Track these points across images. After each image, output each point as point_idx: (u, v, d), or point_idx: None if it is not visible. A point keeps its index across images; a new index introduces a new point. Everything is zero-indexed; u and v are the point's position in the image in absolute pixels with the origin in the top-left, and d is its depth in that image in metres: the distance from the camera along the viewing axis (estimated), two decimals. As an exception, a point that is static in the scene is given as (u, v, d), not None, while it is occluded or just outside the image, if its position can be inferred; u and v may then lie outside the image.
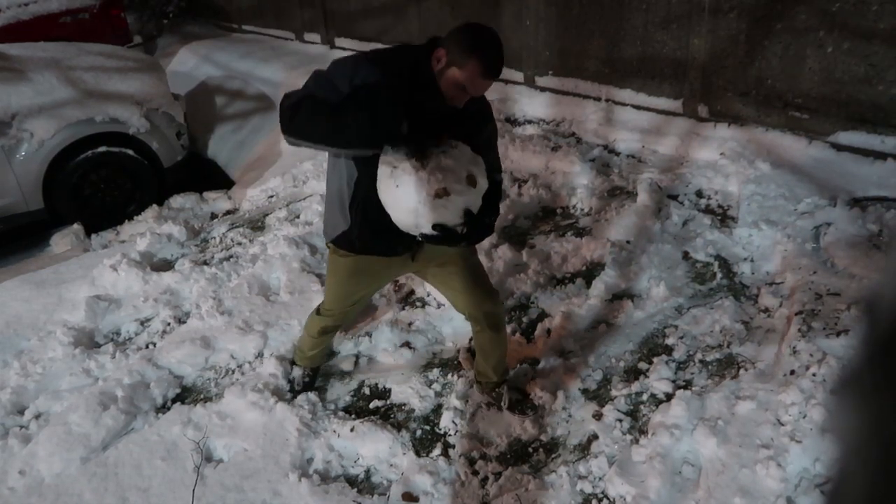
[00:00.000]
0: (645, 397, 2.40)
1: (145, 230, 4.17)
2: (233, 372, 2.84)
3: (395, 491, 2.20)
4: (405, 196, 1.78)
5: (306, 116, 1.79)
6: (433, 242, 1.91)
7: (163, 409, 2.68)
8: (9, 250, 4.41)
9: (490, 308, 2.28)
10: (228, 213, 4.71)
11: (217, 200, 4.91)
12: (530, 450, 2.32)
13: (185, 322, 3.17)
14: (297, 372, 2.68)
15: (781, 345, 2.46)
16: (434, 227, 1.81)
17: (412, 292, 3.19)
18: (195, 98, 6.80)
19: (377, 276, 2.25)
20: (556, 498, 2.10)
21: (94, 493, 2.30)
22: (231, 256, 3.73)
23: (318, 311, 2.44)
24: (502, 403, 2.45)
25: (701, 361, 2.51)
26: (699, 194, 3.60)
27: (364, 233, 2.02)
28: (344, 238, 2.07)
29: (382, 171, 1.83)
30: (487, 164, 1.94)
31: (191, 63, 8.00)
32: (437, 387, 2.63)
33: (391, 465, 2.31)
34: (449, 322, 2.92)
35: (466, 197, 1.83)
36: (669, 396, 2.35)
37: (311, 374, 2.69)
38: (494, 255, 3.30)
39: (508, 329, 2.75)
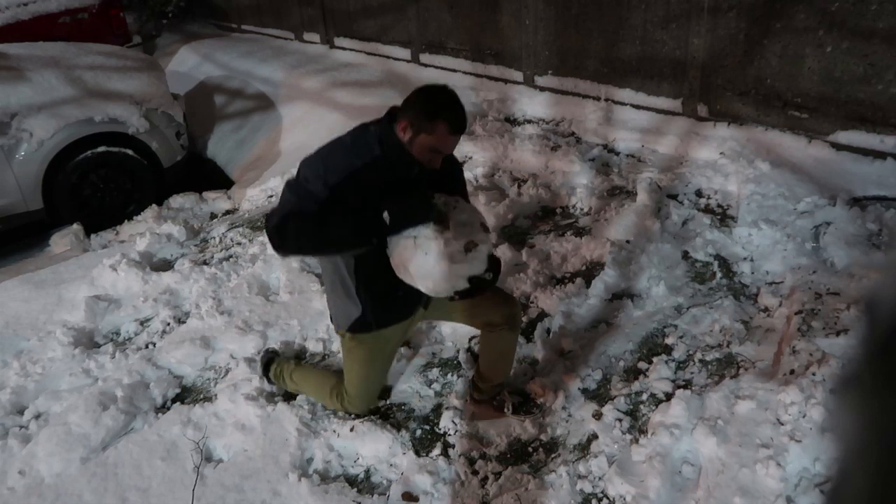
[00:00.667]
0: (645, 397, 2.40)
1: (145, 230, 4.17)
2: (232, 372, 2.84)
3: (394, 491, 2.20)
4: (437, 261, 1.81)
5: (294, 237, 1.83)
6: (465, 297, 1.93)
7: (162, 409, 2.68)
8: (8, 250, 4.41)
9: (510, 309, 2.27)
10: (228, 212, 4.71)
11: (216, 200, 4.91)
12: (530, 449, 2.32)
13: (184, 322, 3.17)
14: (272, 387, 2.65)
15: (781, 344, 2.46)
16: (469, 280, 1.86)
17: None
18: (194, 98, 6.81)
19: (398, 340, 2.25)
20: (556, 498, 2.10)
21: (94, 493, 2.30)
22: (231, 256, 3.73)
23: (342, 403, 2.33)
24: (506, 409, 2.45)
25: (700, 361, 2.51)
26: (699, 194, 3.60)
27: (377, 310, 2.07)
28: (359, 323, 2.10)
29: (403, 246, 1.84)
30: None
31: (190, 63, 8.00)
32: (436, 387, 2.63)
33: (391, 465, 2.30)
34: (448, 322, 2.92)
35: (488, 244, 1.91)
36: (669, 396, 2.35)
37: (286, 392, 2.68)
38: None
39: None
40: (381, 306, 2.07)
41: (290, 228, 1.82)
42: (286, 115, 5.82)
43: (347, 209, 1.81)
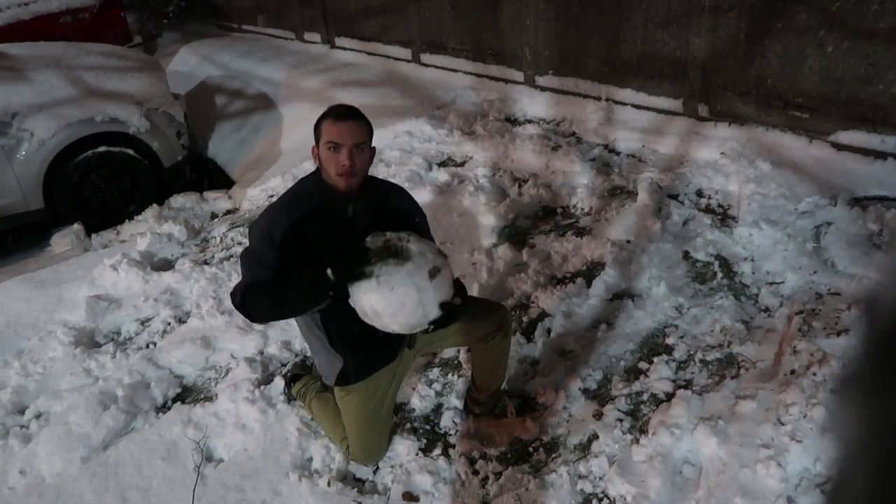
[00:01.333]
0: (645, 397, 2.40)
1: (145, 230, 4.17)
2: (233, 371, 2.84)
3: (395, 491, 2.20)
4: (405, 294, 1.79)
5: (258, 311, 1.94)
6: (441, 325, 1.93)
7: (163, 408, 2.68)
8: (9, 250, 4.41)
9: (500, 315, 2.26)
10: (229, 212, 4.71)
11: (217, 200, 4.91)
12: (531, 449, 2.32)
13: (185, 322, 3.18)
14: (285, 389, 2.64)
15: (782, 344, 2.46)
16: (441, 307, 1.85)
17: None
18: (195, 98, 6.81)
19: (390, 384, 2.22)
20: (557, 497, 2.09)
21: (95, 492, 2.30)
22: (231, 256, 3.73)
23: (349, 453, 2.29)
24: (509, 414, 2.44)
25: (701, 361, 2.51)
26: (699, 194, 3.60)
27: (357, 358, 2.08)
28: (344, 374, 2.10)
29: (366, 289, 1.82)
30: None
31: (191, 63, 8.00)
32: (437, 386, 2.63)
33: (391, 465, 2.31)
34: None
35: (449, 267, 1.92)
36: (670, 396, 2.35)
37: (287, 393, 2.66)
38: (494, 255, 3.30)
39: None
40: (362, 353, 2.07)
41: (250, 304, 1.91)
42: (287, 114, 5.82)
43: (297, 274, 1.87)
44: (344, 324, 1.99)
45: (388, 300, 1.80)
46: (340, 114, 1.90)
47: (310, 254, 1.89)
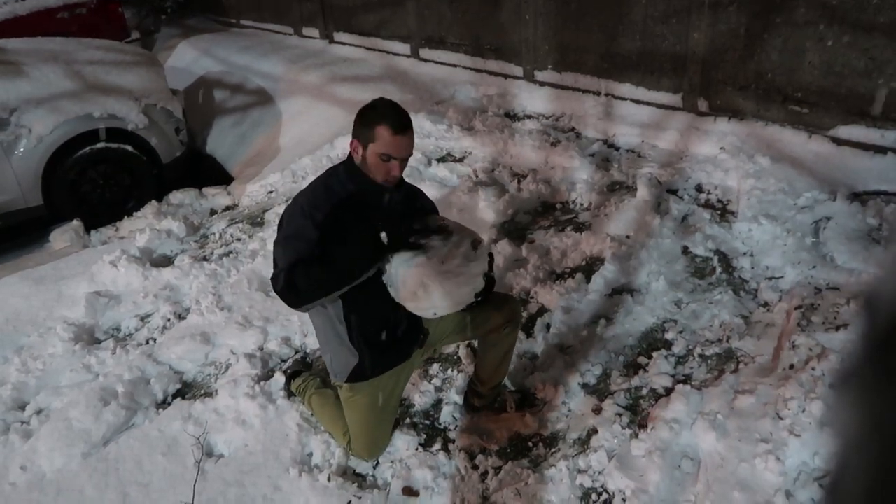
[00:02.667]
0: (644, 392, 2.40)
1: (144, 226, 4.17)
2: (233, 367, 2.84)
3: (395, 485, 2.20)
4: (458, 266, 1.83)
5: (306, 286, 1.82)
6: (484, 298, 1.94)
7: (163, 404, 2.69)
8: (8, 247, 4.41)
9: (510, 307, 2.26)
10: (228, 208, 4.71)
11: (216, 196, 4.90)
12: (530, 444, 2.33)
13: (184, 318, 3.18)
14: (285, 386, 2.64)
15: (781, 339, 2.46)
16: (484, 277, 1.90)
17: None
18: (193, 93, 6.79)
19: (396, 384, 2.21)
20: (556, 492, 2.10)
21: (95, 488, 2.30)
22: (230, 252, 3.73)
23: (350, 448, 2.28)
24: (509, 408, 2.44)
25: (700, 356, 2.51)
26: (699, 189, 3.60)
27: (374, 354, 2.06)
28: (358, 371, 2.08)
29: (417, 263, 1.81)
30: None
31: (189, 58, 7.98)
32: (437, 382, 2.63)
33: (391, 460, 2.31)
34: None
35: (484, 241, 1.97)
36: (669, 391, 2.36)
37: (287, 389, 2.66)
38: (494, 251, 3.30)
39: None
40: (378, 350, 2.06)
41: (299, 280, 1.80)
42: (286, 110, 5.81)
43: (343, 240, 1.85)
44: (367, 315, 1.99)
45: (440, 272, 1.81)
46: (399, 126, 1.85)
47: (351, 230, 1.87)
